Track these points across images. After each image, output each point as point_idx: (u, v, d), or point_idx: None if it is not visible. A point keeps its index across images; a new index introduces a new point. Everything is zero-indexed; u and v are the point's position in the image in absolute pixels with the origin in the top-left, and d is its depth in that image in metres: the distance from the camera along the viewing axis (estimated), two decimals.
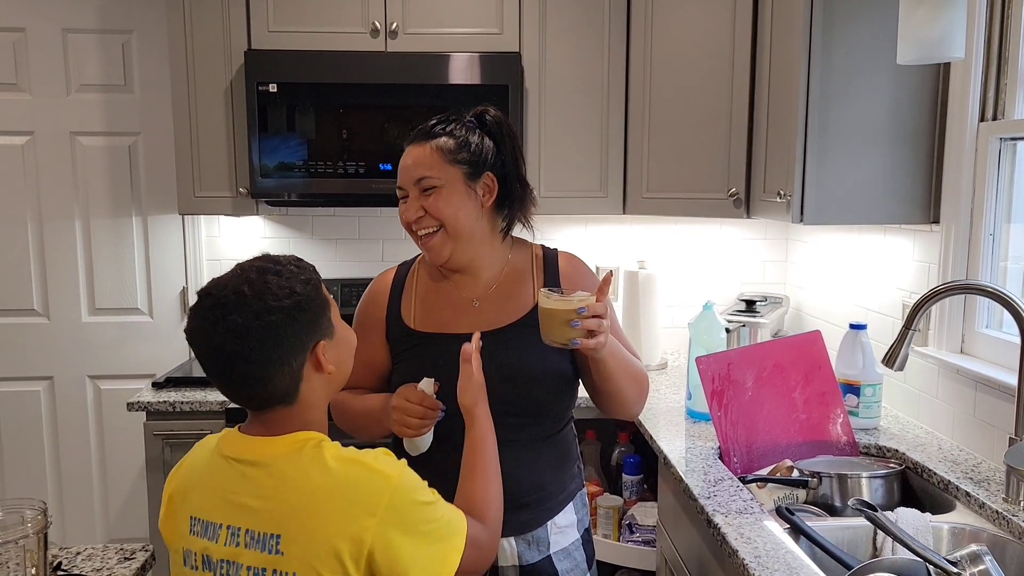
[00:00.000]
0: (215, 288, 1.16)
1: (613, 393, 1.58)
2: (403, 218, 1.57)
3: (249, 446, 1.17)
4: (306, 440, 1.16)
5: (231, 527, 1.14)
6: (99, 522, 3.16)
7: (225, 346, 1.12)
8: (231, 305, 1.13)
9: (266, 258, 1.21)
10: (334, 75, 2.60)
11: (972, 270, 2.02)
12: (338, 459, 1.15)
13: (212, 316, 1.13)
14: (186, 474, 1.23)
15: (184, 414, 2.49)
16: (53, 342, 3.08)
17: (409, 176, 1.55)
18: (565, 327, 1.39)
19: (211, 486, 1.18)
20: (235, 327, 1.11)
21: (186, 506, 1.19)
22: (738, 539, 1.50)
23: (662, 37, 2.63)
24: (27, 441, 3.10)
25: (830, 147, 2.11)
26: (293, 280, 1.17)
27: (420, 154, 1.55)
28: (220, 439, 1.22)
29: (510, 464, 1.51)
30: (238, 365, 1.13)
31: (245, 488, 1.14)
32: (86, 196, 3.04)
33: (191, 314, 1.17)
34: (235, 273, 1.18)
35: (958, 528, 1.65)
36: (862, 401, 2.13)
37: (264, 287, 1.14)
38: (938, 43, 1.59)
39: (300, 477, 1.13)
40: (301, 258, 1.23)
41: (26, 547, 1.11)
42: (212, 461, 1.20)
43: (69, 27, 2.95)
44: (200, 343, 1.15)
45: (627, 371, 1.58)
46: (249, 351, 1.12)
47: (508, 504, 1.51)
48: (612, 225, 3.05)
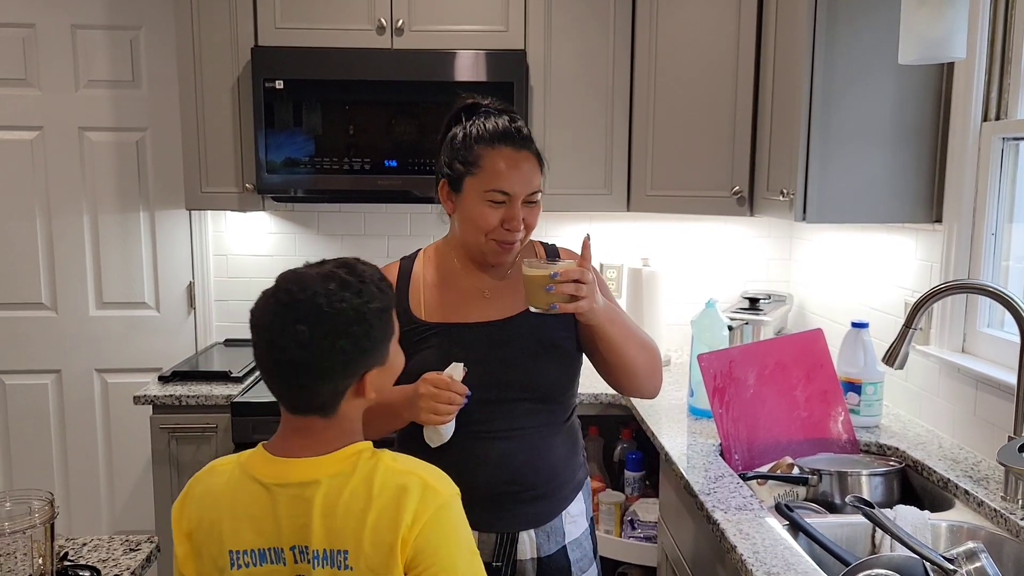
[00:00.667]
0: (295, 284, 1.14)
1: (623, 364, 1.59)
2: (499, 224, 1.54)
3: (295, 469, 1.14)
4: (359, 453, 1.16)
5: (297, 547, 1.12)
6: (105, 514, 3.19)
7: (286, 350, 1.11)
8: (304, 313, 1.11)
9: (352, 269, 1.17)
10: (340, 72, 2.62)
11: (974, 269, 2.02)
12: (392, 468, 1.15)
13: (283, 316, 1.12)
14: (206, 508, 1.17)
15: (190, 408, 2.51)
16: (61, 336, 3.10)
17: (526, 185, 1.53)
18: (544, 292, 1.45)
19: (255, 516, 1.14)
20: (301, 337, 1.10)
21: (217, 541, 1.15)
22: (737, 535, 1.51)
23: (667, 35, 2.63)
24: (35, 434, 3.13)
25: (833, 146, 2.12)
26: (370, 303, 1.15)
27: (530, 163, 1.55)
28: (244, 466, 1.17)
29: (527, 453, 1.55)
30: (292, 369, 1.12)
31: (303, 510, 1.12)
32: (94, 191, 3.06)
33: (264, 301, 1.15)
34: (318, 275, 1.15)
35: (956, 526, 1.65)
36: (863, 399, 2.14)
37: (341, 305, 1.12)
38: (940, 43, 1.59)
39: (360, 490, 1.12)
40: (384, 277, 1.21)
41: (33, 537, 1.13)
42: (246, 489, 1.15)
43: (78, 23, 2.97)
44: (263, 335, 1.14)
45: (633, 339, 1.59)
46: (307, 362, 1.11)
47: (526, 495, 1.55)
48: (616, 222, 3.06)
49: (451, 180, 1.57)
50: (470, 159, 1.54)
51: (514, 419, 1.55)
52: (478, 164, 1.53)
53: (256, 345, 1.15)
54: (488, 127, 1.55)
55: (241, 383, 2.62)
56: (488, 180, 1.52)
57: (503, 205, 1.53)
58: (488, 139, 1.54)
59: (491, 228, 1.53)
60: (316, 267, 1.18)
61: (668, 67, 2.64)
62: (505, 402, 1.56)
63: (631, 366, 1.60)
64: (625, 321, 1.59)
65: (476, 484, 1.52)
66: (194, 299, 3.11)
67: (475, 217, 1.54)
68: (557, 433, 1.62)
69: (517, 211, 1.53)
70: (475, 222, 1.54)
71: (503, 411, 1.56)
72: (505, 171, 1.52)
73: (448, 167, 1.58)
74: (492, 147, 1.53)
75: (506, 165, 1.52)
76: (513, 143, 1.54)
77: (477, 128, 1.56)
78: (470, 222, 1.55)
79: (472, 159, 1.54)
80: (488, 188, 1.52)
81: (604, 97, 2.72)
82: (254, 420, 2.47)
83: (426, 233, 3.05)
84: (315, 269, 1.17)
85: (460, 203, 1.57)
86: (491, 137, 1.54)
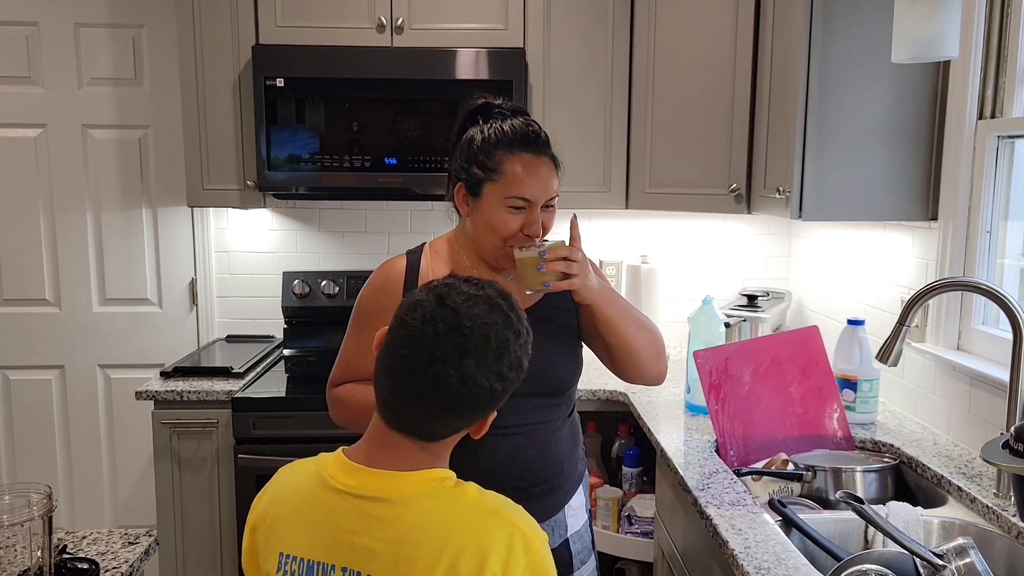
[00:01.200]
0: (463, 306, 1.07)
1: (623, 345, 1.60)
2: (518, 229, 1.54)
3: (373, 480, 1.06)
4: (443, 479, 1.08)
5: (351, 571, 1.03)
6: (108, 508, 3.22)
7: (443, 378, 1.03)
8: (474, 347, 1.05)
9: (510, 302, 1.12)
10: (340, 70, 2.63)
11: (969, 267, 2.03)
12: (479, 505, 1.07)
13: (451, 341, 1.04)
14: (275, 503, 1.12)
15: (191, 403, 2.53)
16: (64, 331, 3.13)
17: (546, 191, 1.54)
18: (536, 271, 1.48)
19: (316, 521, 1.07)
20: (467, 372, 1.04)
21: (274, 540, 1.09)
22: (729, 530, 1.53)
23: (665, 34, 2.64)
24: (39, 428, 3.16)
25: (829, 144, 2.13)
26: (524, 348, 1.11)
27: (549, 169, 1.55)
28: (323, 468, 1.10)
29: (536, 449, 1.58)
30: (435, 397, 1.05)
31: (367, 528, 1.04)
32: (97, 188, 3.08)
33: (420, 311, 1.06)
34: (482, 301, 1.09)
35: (948, 522, 1.66)
36: (859, 396, 2.15)
37: (507, 344, 1.07)
38: (932, 42, 1.60)
39: (435, 520, 1.03)
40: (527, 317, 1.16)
41: (31, 530, 1.14)
42: (315, 492, 1.08)
43: (81, 21, 2.99)
44: (420, 352, 1.05)
45: (632, 319, 1.61)
46: (459, 396, 1.05)
47: (535, 491, 1.57)
48: (615, 220, 3.07)
49: (469, 184, 1.57)
50: (490, 165, 1.53)
51: (523, 415, 1.57)
52: (499, 170, 1.53)
53: (402, 357, 1.06)
54: (507, 131, 1.55)
55: (242, 379, 2.64)
56: (509, 187, 1.52)
57: (522, 211, 1.53)
58: (508, 144, 1.53)
59: (511, 233, 1.54)
60: (475, 287, 1.11)
61: (666, 65, 2.65)
62: (516, 397, 1.57)
63: (632, 346, 1.61)
64: (623, 302, 1.61)
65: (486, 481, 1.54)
66: (196, 295, 3.13)
67: (495, 223, 1.54)
68: (562, 427, 1.65)
69: (536, 216, 1.53)
70: (495, 227, 1.54)
71: (513, 407, 1.56)
72: (526, 178, 1.52)
73: (466, 171, 1.57)
74: (512, 153, 1.53)
75: (526, 171, 1.52)
76: (532, 149, 1.54)
77: (495, 132, 1.55)
78: (489, 227, 1.55)
79: (492, 165, 1.53)
80: (509, 195, 1.52)
81: (603, 95, 2.73)
82: (254, 415, 2.49)
83: (426, 230, 3.06)
84: (474, 289, 1.10)
85: (478, 207, 1.57)
86: (510, 142, 1.54)
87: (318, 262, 3.12)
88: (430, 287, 1.11)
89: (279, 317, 3.07)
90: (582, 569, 1.69)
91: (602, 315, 1.56)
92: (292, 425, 2.48)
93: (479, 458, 1.54)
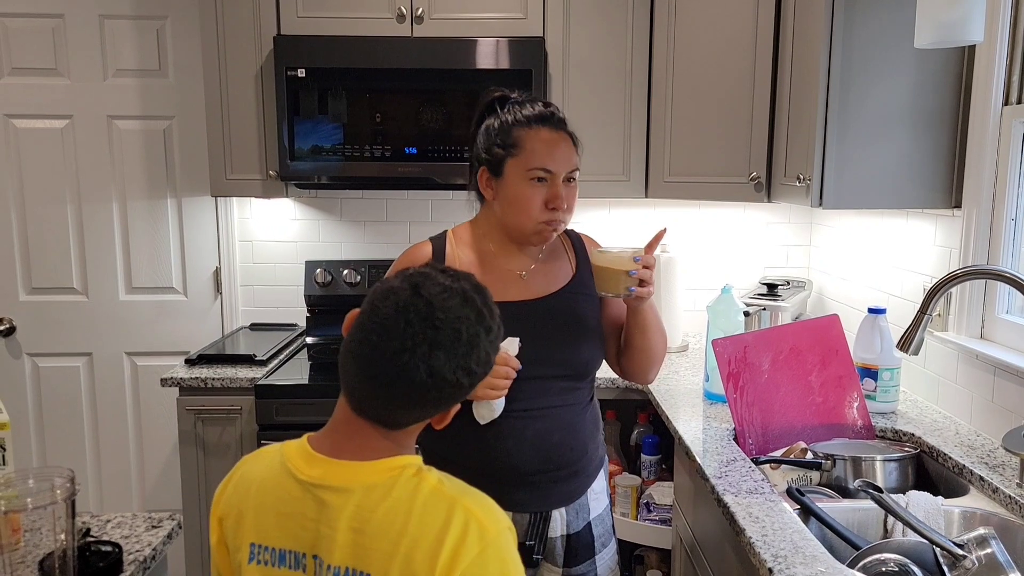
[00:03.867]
0: (437, 299, 1.05)
1: (646, 348, 1.68)
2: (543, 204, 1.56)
3: (334, 471, 1.05)
4: (403, 467, 1.06)
5: (318, 558, 1.04)
6: (136, 492, 3.27)
7: (410, 369, 1.02)
8: (445, 339, 1.03)
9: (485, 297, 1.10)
10: (361, 60, 2.64)
11: (993, 255, 2.00)
12: (437, 493, 1.04)
13: (420, 332, 1.02)
14: (240, 494, 1.11)
15: (215, 390, 2.57)
16: (92, 319, 3.18)
17: (566, 163, 1.58)
18: (623, 277, 1.52)
19: (284, 512, 1.06)
20: (434, 365, 1.02)
21: (243, 531, 1.09)
22: (746, 518, 1.53)
23: (685, 21, 2.62)
24: (68, 415, 3.22)
25: (851, 131, 2.11)
26: (494, 345, 1.10)
27: (568, 144, 1.60)
28: (286, 456, 1.09)
29: (562, 431, 1.62)
30: (401, 387, 1.03)
31: (329, 518, 1.03)
32: (123, 178, 3.12)
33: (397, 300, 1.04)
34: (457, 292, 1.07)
35: (969, 512, 1.65)
36: (880, 385, 2.13)
37: (477, 340, 1.06)
38: (956, 26, 1.57)
39: (393, 509, 1.02)
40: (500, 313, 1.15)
41: (55, 513, 1.17)
42: (280, 482, 1.08)
43: (106, 13, 3.02)
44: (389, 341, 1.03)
45: (659, 325, 1.69)
46: (424, 388, 1.03)
47: (561, 474, 1.61)
48: (634, 208, 3.07)
49: (491, 165, 1.61)
50: (510, 142, 1.58)
51: (549, 397, 1.61)
52: (519, 145, 1.57)
53: (369, 344, 1.04)
54: (525, 112, 1.60)
55: (265, 366, 2.67)
56: (529, 159, 1.56)
57: (544, 184, 1.57)
58: (526, 122, 1.59)
59: (536, 207, 1.57)
60: (451, 278, 1.09)
61: (686, 53, 2.63)
62: (543, 379, 1.61)
63: (651, 350, 1.69)
64: (655, 307, 1.67)
65: (513, 464, 1.58)
66: (220, 284, 3.17)
67: (519, 198, 1.57)
68: (585, 411, 1.68)
69: (559, 188, 1.57)
70: (519, 203, 1.58)
71: (540, 389, 1.61)
72: (545, 149, 1.56)
73: (487, 152, 1.61)
74: (531, 128, 1.58)
75: (546, 144, 1.57)
76: (550, 124, 1.59)
77: (514, 114, 1.60)
78: (514, 203, 1.59)
79: (512, 141, 1.58)
80: (531, 166, 1.56)
81: (622, 84, 2.72)
82: (277, 403, 2.52)
83: (447, 219, 3.07)
84: (450, 281, 1.08)
85: (501, 187, 1.60)
86: (528, 120, 1.59)
87: (340, 251, 3.14)
88: (405, 275, 1.09)
89: (302, 305, 3.10)
90: (603, 552, 1.71)
91: (642, 319, 1.63)
92: (314, 412, 2.51)
93: (506, 441, 1.57)
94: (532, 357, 1.56)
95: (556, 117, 1.61)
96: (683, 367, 2.69)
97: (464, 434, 1.58)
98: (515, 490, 1.59)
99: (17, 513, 1.20)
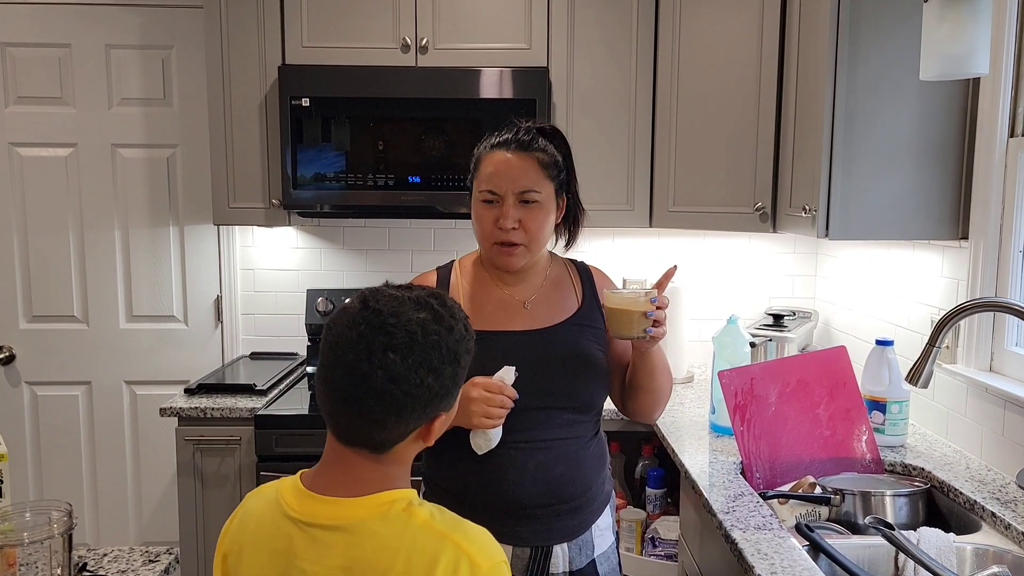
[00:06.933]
0: (387, 307, 1.04)
1: (653, 389, 1.67)
2: (493, 224, 1.57)
3: (323, 508, 1.04)
4: (393, 501, 1.04)
5: None
6: (132, 524, 3.23)
7: (370, 378, 1.01)
8: (398, 341, 1.02)
9: (443, 301, 1.10)
10: (365, 90, 2.65)
11: (1002, 287, 1.99)
12: (427, 528, 1.02)
13: (372, 339, 1.02)
14: (241, 530, 1.11)
15: (215, 420, 2.54)
16: (92, 348, 3.16)
17: (514, 183, 1.57)
18: (640, 319, 1.50)
19: (275, 550, 1.05)
20: (392, 367, 1.01)
21: (242, 569, 1.08)
22: (755, 555, 1.50)
23: (689, 52, 2.63)
24: (66, 444, 3.19)
25: (856, 162, 2.10)
26: (461, 344, 1.08)
27: (524, 165, 1.58)
28: (282, 494, 1.09)
29: (564, 464, 1.58)
30: (370, 399, 1.02)
31: (319, 556, 1.02)
32: (125, 206, 3.12)
33: (349, 318, 1.04)
34: (410, 300, 1.06)
35: (982, 549, 1.62)
36: (888, 418, 2.11)
37: (437, 339, 1.04)
38: (962, 59, 1.57)
39: (382, 547, 1.00)
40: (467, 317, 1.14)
41: (52, 547, 1.15)
42: (273, 519, 1.07)
43: (112, 43, 3.04)
44: (343, 355, 1.02)
45: (666, 366, 1.68)
46: (389, 395, 1.01)
47: (563, 508, 1.58)
48: (638, 238, 3.06)
49: (469, 191, 1.66)
50: (473, 166, 1.64)
51: (553, 429, 1.58)
52: (477, 168, 1.62)
53: (329, 364, 1.04)
54: (494, 139, 1.63)
55: (265, 396, 2.65)
56: (481, 181, 1.61)
57: (495, 205, 1.58)
58: (489, 146, 1.62)
59: (488, 229, 1.59)
60: (404, 290, 1.09)
61: (690, 83, 2.64)
62: (545, 410, 1.58)
63: (658, 391, 1.68)
64: (662, 348, 1.65)
65: (514, 496, 1.55)
66: (221, 313, 3.15)
67: (475, 219, 1.63)
68: (590, 444, 1.65)
69: (507, 209, 1.57)
70: (475, 224, 1.63)
71: (543, 420, 1.58)
72: (494, 170, 1.58)
73: (469, 178, 1.67)
74: (490, 152, 1.61)
75: (496, 166, 1.59)
76: (509, 147, 1.60)
77: (488, 141, 1.64)
78: (474, 224, 1.64)
79: (475, 165, 1.64)
80: (481, 188, 1.60)
81: (626, 113, 2.73)
82: (277, 433, 2.49)
83: (450, 248, 3.06)
84: (404, 292, 1.08)
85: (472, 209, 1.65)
86: (492, 145, 1.62)
87: (342, 280, 3.13)
88: (358, 293, 1.09)
89: (303, 334, 3.08)
90: None
91: (651, 361, 1.62)
92: (314, 443, 2.48)
93: (507, 472, 1.55)
94: (533, 388, 1.54)
95: (519, 140, 1.60)
96: (688, 399, 2.66)
97: (465, 465, 1.56)
98: (516, 523, 1.56)
99: (13, 547, 1.18)
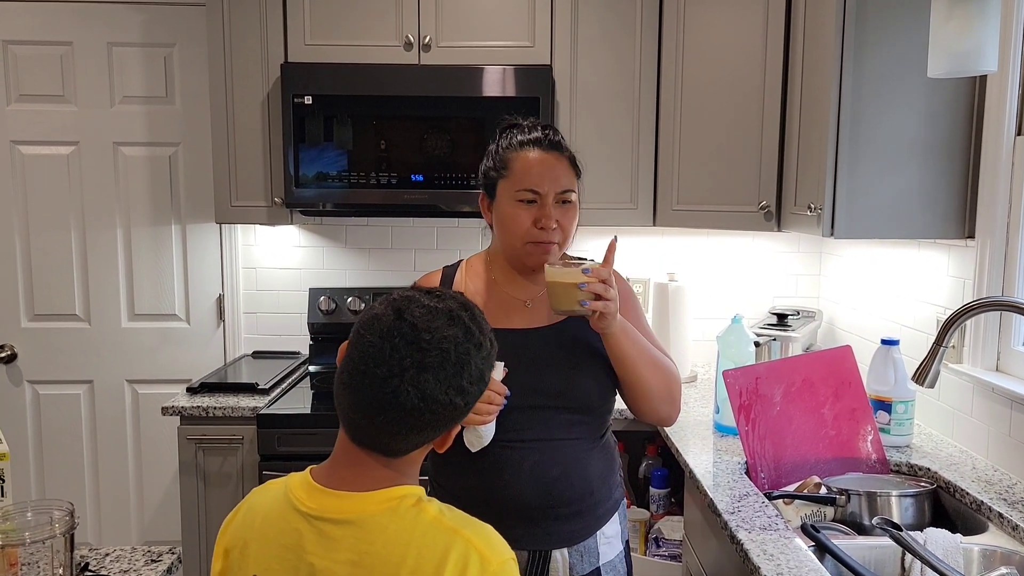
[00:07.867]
0: (421, 320, 1.04)
1: (635, 383, 1.58)
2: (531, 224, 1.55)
3: (334, 502, 1.04)
4: (403, 497, 1.05)
5: None
6: (134, 524, 3.22)
7: (401, 394, 1.01)
8: (433, 361, 1.02)
9: (473, 314, 1.10)
10: (368, 88, 2.64)
11: (1008, 286, 1.98)
12: (437, 524, 1.03)
13: (406, 355, 1.02)
14: (246, 525, 1.10)
15: (217, 419, 2.53)
16: (93, 346, 3.15)
17: (555, 183, 1.56)
18: (573, 291, 1.45)
19: (284, 544, 1.05)
20: (424, 388, 1.01)
21: (246, 563, 1.08)
22: (761, 555, 1.49)
23: (693, 50, 2.62)
24: (67, 443, 3.18)
25: (862, 160, 2.09)
26: (487, 361, 1.09)
27: (561, 164, 1.58)
28: (290, 489, 1.09)
29: (563, 465, 1.55)
30: (393, 413, 1.02)
31: (328, 550, 1.02)
32: (127, 204, 3.12)
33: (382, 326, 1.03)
34: (443, 312, 1.06)
35: (989, 550, 1.61)
36: (894, 418, 2.10)
37: (467, 358, 1.05)
38: (970, 56, 1.56)
39: (392, 541, 1.01)
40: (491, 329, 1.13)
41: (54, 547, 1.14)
42: (282, 514, 1.07)
43: (114, 41, 3.03)
44: (376, 368, 1.02)
45: (647, 358, 1.58)
46: (417, 412, 1.02)
47: (561, 512, 1.55)
48: (642, 237, 3.05)
49: (487, 189, 1.63)
50: (501, 165, 1.59)
51: (551, 429, 1.56)
52: (508, 167, 1.58)
53: (358, 372, 1.03)
54: (519, 137, 1.61)
55: (267, 395, 2.64)
56: (517, 180, 1.56)
57: (534, 205, 1.56)
58: (517, 145, 1.59)
59: (525, 229, 1.56)
60: (435, 299, 1.08)
61: (694, 81, 2.62)
62: (543, 409, 1.56)
63: (642, 385, 1.59)
64: (642, 340, 1.59)
65: (509, 495, 1.53)
66: (223, 311, 3.14)
67: (509, 219, 1.57)
68: (593, 448, 1.62)
69: (549, 209, 1.55)
70: (509, 225, 1.58)
71: (540, 419, 1.56)
72: (532, 170, 1.56)
73: (484, 177, 1.64)
74: (520, 151, 1.58)
75: (533, 164, 1.56)
76: (541, 145, 1.58)
77: (509, 139, 1.61)
78: (505, 225, 1.59)
79: (503, 164, 1.59)
80: (518, 188, 1.56)
81: (630, 111, 2.72)
82: (279, 432, 2.48)
83: (452, 247, 3.06)
84: (436, 302, 1.07)
85: (495, 209, 1.61)
86: (520, 144, 1.59)
87: (344, 279, 3.12)
88: (389, 300, 1.09)
89: (305, 333, 3.08)
90: None
91: (617, 347, 1.54)
92: (317, 442, 2.47)
93: (503, 472, 1.53)
94: (530, 386, 1.53)
95: (549, 139, 1.59)
96: (692, 398, 2.65)
97: (462, 463, 1.54)
98: (513, 525, 1.52)
99: (15, 547, 1.17)
